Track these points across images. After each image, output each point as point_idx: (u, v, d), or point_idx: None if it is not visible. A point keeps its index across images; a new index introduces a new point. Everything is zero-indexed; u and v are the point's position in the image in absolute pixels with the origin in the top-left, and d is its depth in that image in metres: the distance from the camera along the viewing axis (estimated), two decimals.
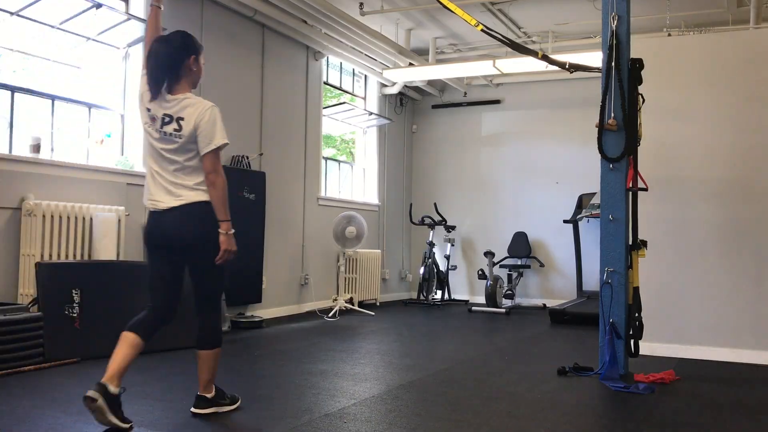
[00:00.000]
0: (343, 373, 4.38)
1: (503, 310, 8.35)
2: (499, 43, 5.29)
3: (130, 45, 5.71)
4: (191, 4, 6.21)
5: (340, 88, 8.94)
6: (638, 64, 4.52)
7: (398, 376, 4.34)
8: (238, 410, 3.38)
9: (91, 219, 5.14)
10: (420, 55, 8.86)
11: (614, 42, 4.48)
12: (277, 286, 7.34)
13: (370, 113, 8.89)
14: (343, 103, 8.45)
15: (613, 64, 4.46)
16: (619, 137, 4.47)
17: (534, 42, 8.37)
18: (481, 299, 9.06)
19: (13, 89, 4.97)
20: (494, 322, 7.49)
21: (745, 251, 5.21)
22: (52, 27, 5.12)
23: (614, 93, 4.48)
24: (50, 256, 4.88)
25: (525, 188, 9.66)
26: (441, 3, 5.12)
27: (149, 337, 3.16)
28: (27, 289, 4.72)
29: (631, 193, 4.51)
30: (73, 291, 4.68)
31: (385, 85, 9.48)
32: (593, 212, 7.94)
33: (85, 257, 5.12)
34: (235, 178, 6.54)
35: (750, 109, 5.27)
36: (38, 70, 5.20)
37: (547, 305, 8.88)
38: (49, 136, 5.18)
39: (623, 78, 4.47)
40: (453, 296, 9.66)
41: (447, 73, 8.67)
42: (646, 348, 4.98)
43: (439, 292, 9.39)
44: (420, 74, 8.73)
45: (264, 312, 6.96)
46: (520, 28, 8.23)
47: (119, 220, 5.29)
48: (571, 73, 5.39)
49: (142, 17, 5.62)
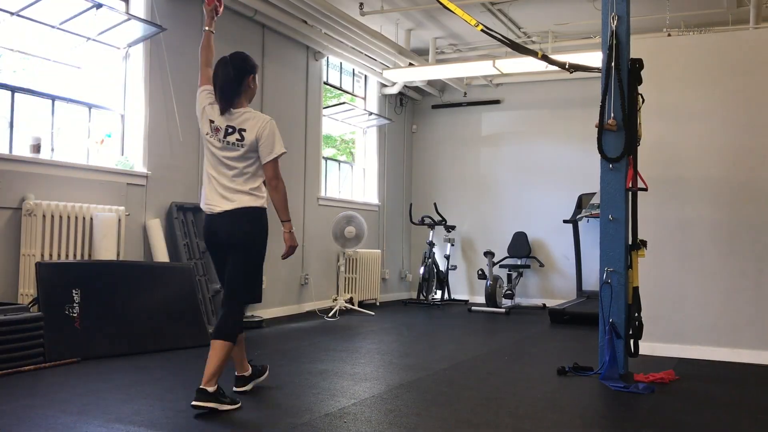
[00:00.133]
0: (343, 373, 4.38)
1: (503, 310, 8.35)
2: (499, 43, 5.29)
3: (130, 45, 5.71)
4: (191, 4, 6.21)
5: (340, 88, 8.94)
6: (638, 64, 4.52)
7: (398, 376, 4.34)
8: (242, 409, 3.38)
9: (91, 219, 5.15)
10: (420, 55, 8.86)
11: (614, 42, 4.48)
12: (277, 286, 7.34)
13: (370, 113, 8.89)
14: (343, 103, 8.45)
15: (612, 64, 4.46)
16: (619, 137, 4.47)
17: (534, 42, 8.37)
18: (481, 299, 9.06)
19: (14, 89, 4.98)
20: (494, 322, 7.49)
21: (745, 251, 5.21)
22: (52, 27, 5.12)
23: (614, 93, 4.48)
24: (50, 256, 4.88)
25: (525, 188, 9.65)
26: (441, 3, 5.13)
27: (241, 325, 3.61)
28: (27, 289, 4.72)
29: (630, 193, 4.51)
30: (73, 291, 4.69)
31: (385, 85, 9.48)
32: (593, 212, 7.94)
33: (86, 257, 5.12)
34: None
35: (750, 109, 5.27)
36: (38, 70, 5.20)
37: (547, 305, 8.88)
38: (49, 136, 5.18)
39: (623, 78, 4.47)
40: (453, 296, 9.66)
41: (447, 73, 8.66)
42: (645, 348, 4.99)
43: (439, 292, 9.39)
44: (420, 74, 8.73)
45: (264, 312, 6.96)
46: (520, 28, 8.23)
47: (119, 220, 5.29)
48: (571, 73, 5.40)
49: (142, 17, 5.62)
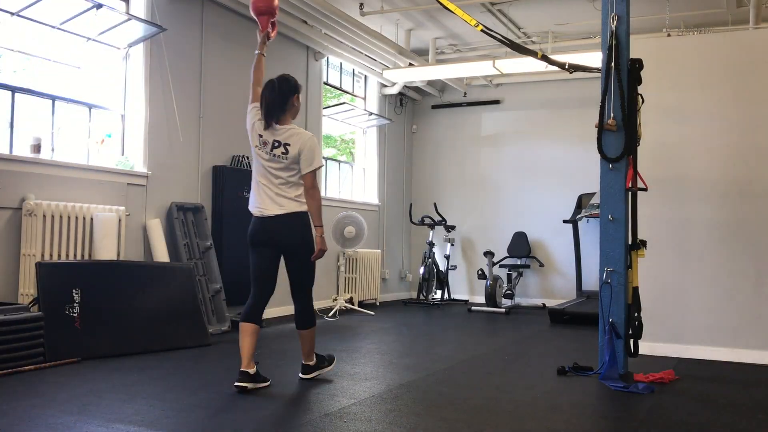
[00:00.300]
0: (343, 373, 4.38)
1: (503, 310, 8.35)
2: (499, 43, 5.29)
3: (130, 45, 5.71)
4: (191, 4, 6.22)
5: (340, 89, 8.94)
6: (638, 64, 4.52)
7: (398, 376, 4.34)
8: (238, 410, 3.39)
9: (91, 219, 5.15)
10: (420, 55, 8.86)
11: (614, 42, 4.48)
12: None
13: (370, 113, 8.89)
14: (343, 103, 8.45)
15: (612, 64, 4.46)
16: (619, 137, 4.47)
17: (534, 42, 8.38)
18: (481, 299, 9.07)
19: (14, 89, 4.98)
20: (494, 322, 7.49)
21: (745, 251, 5.22)
22: (53, 27, 5.13)
23: (614, 93, 4.48)
24: (51, 256, 4.88)
25: (525, 188, 9.66)
26: (441, 3, 5.13)
27: (261, 320, 4.05)
28: (27, 289, 4.73)
29: (630, 193, 4.52)
30: (74, 291, 4.69)
31: (385, 86, 9.48)
32: (593, 212, 7.94)
33: (86, 257, 5.13)
34: (235, 178, 6.54)
35: (750, 109, 5.27)
36: (39, 70, 5.20)
37: (547, 305, 8.88)
38: (49, 137, 5.18)
39: (623, 78, 4.47)
40: (453, 296, 9.66)
41: (447, 73, 8.66)
42: (645, 348, 4.99)
43: (439, 292, 9.39)
44: (420, 74, 8.73)
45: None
46: (519, 29, 8.24)
47: (119, 220, 5.30)
48: (571, 73, 5.40)
49: (142, 17, 5.63)
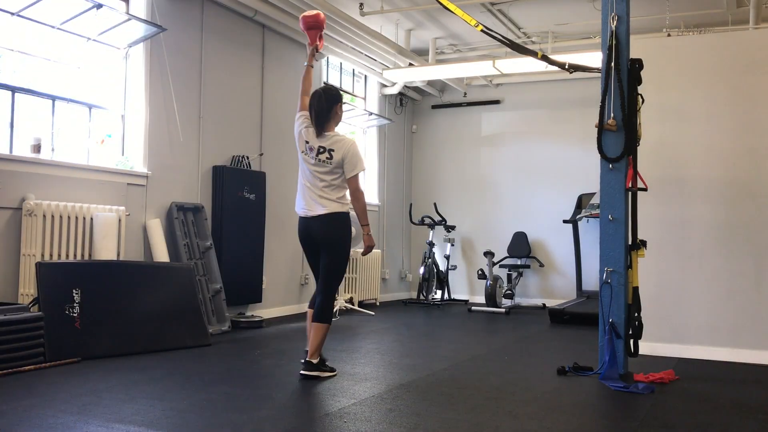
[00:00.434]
0: (343, 373, 4.38)
1: (503, 310, 8.35)
2: (499, 43, 5.29)
3: (130, 45, 5.71)
4: (191, 4, 6.22)
5: (340, 88, 8.94)
6: (638, 64, 4.52)
7: (398, 376, 4.34)
8: (238, 410, 3.39)
9: (91, 219, 5.15)
10: (420, 55, 8.86)
11: (614, 42, 4.48)
12: (277, 286, 7.34)
13: (370, 113, 8.89)
14: (343, 103, 8.43)
15: (612, 64, 4.46)
16: (619, 137, 4.47)
17: (534, 42, 8.38)
18: (481, 299, 9.07)
19: (14, 89, 4.98)
20: (494, 322, 7.49)
21: (745, 251, 5.22)
22: (53, 27, 5.12)
23: (614, 93, 4.48)
24: (50, 256, 4.88)
25: (525, 188, 9.66)
26: (441, 3, 5.13)
27: None
28: (27, 289, 4.72)
29: (630, 193, 4.52)
30: (74, 291, 4.69)
31: (385, 86, 9.48)
32: (593, 212, 7.94)
33: (86, 257, 5.13)
34: (236, 178, 6.55)
35: (750, 109, 5.27)
36: (39, 70, 5.20)
37: (547, 305, 8.88)
38: (49, 136, 5.18)
39: (623, 78, 4.47)
40: (453, 296, 9.66)
41: (447, 73, 8.66)
42: (645, 348, 4.99)
43: (439, 292, 9.39)
44: (420, 74, 8.73)
45: (264, 312, 6.96)
46: (519, 29, 8.23)
47: (119, 220, 5.29)
48: (571, 73, 5.40)
49: (143, 17, 5.62)
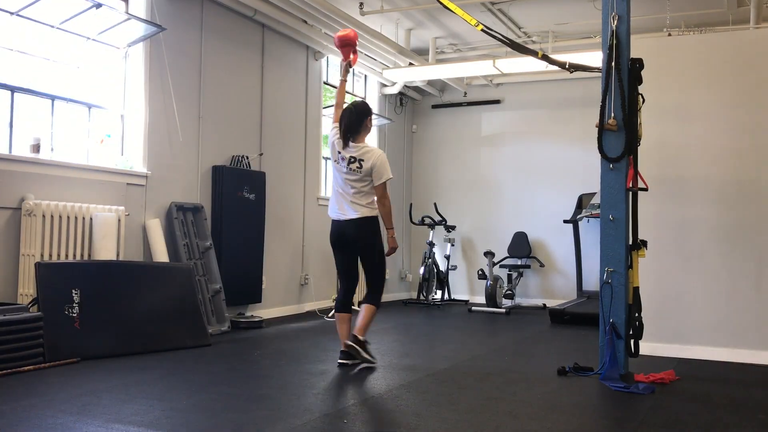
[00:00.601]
0: (343, 373, 4.38)
1: (503, 310, 8.34)
2: (499, 43, 5.29)
3: (130, 45, 5.71)
4: (191, 3, 6.21)
5: None
6: (638, 64, 4.52)
7: (398, 376, 4.34)
8: (238, 410, 3.38)
9: (91, 219, 5.15)
10: (420, 55, 8.86)
11: (614, 42, 4.47)
12: (277, 286, 7.34)
13: None
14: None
15: (613, 64, 4.46)
16: (619, 137, 4.47)
17: (534, 42, 8.37)
18: (481, 299, 9.06)
19: (13, 89, 4.97)
20: (494, 322, 7.49)
21: (745, 251, 5.21)
22: (52, 27, 5.12)
23: (614, 93, 4.47)
24: (50, 256, 4.88)
25: (525, 188, 9.65)
26: (441, 3, 5.13)
27: (350, 308, 4.78)
28: (27, 289, 4.72)
29: (631, 193, 4.51)
30: (73, 291, 4.69)
31: (385, 85, 9.47)
32: (593, 212, 7.93)
33: (85, 257, 5.12)
34: (235, 179, 6.54)
35: (751, 109, 5.26)
36: (38, 69, 5.19)
37: (547, 305, 8.87)
38: (49, 136, 5.17)
39: (623, 78, 4.47)
40: (453, 296, 9.65)
41: (447, 73, 8.66)
42: (646, 348, 4.98)
43: (439, 292, 9.38)
44: (420, 74, 8.72)
45: (264, 312, 6.96)
46: (520, 28, 8.23)
47: (119, 220, 5.29)
48: (571, 73, 5.39)
49: (142, 17, 5.62)
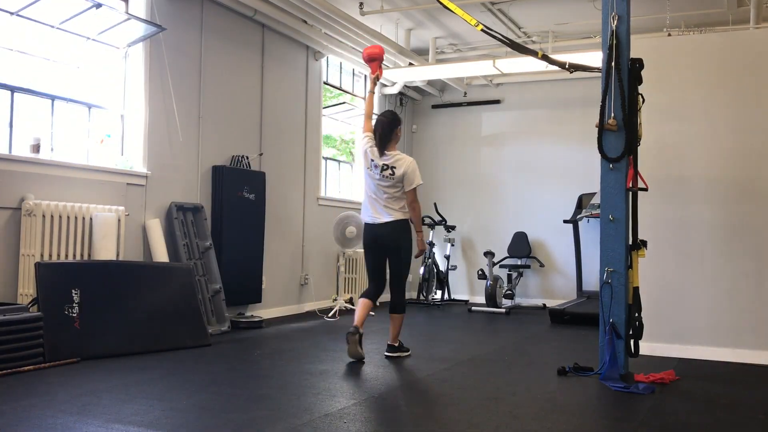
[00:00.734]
0: (343, 373, 4.38)
1: (503, 310, 8.34)
2: (499, 43, 5.29)
3: (130, 45, 5.71)
4: (191, 3, 6.21)
5: (340, 88, 8.93)
6: (638, 64, 4.52)
7: (398, 377, 4.34)
8: (238, 410, 3.39)
9: (90, 219, 5.14)
10: (420, 55, 8.86)
11: (614, 42, 4.47)
12: (277, 286, 7.34)
13: None
14: (343, 103, 8.44)
15: (613, 64, 4.46)
16: (619, 137, 4.47)
17: (534, 42, 8.37)
18: (481, 299, 9.06)
19: (13, 89, 4.97)
20: (494, 322, 7.49)
21: (745, 251, 5.21)
22: (52, 27, 5.12)
23: (614, 93, 4.47)
24: (50, 256, 4.88)
25: (525, 188, 9.65)
26: (441, 3, 5.13)
27: (375, 301, 5.11)
28: (27, 289, 4.72)
29: (631, 193, 4.51)
30: (73, 291, 4.69)
31: (385, 85, 9.47)
32: (593, 212, 7.93)
33: (85, 257, 5.12)
34: (235, 178, 6.54)
35: (750, 109, 5.26)
36: (38, 69, 5.19)
37: (547, 305, 8.87)
38: (49, 136, 5.17)
39: (623, 78, 4.47)
40: (453, 296, 9.65)
41: (447, 73, 8.66)
42: (646, 348, 4.98)
43: (439, 292, 9.38)
44: (420, 74, 8.72)
45: (264, 312, 6.96)
46: (520, 28, 8.23)
47: (119, 220, 5.29)
48: (571, 73, 5.38)
49: (142, 17, 5.62)
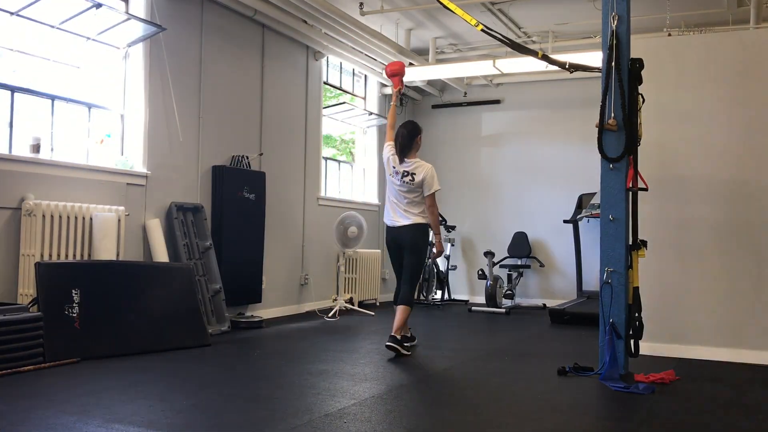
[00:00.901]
0: (343, 373, 4.38)
1: (503, 310, 8.34)
2: (499, 43, 5.29)
3: (130, 45, 5.71)
4: (191, 3, 6.21)
5: (340, 88, 8.93)
6: (638, 64, 4.52)
7: (398, 377, 4.34)
8: (238, 410, 3.39)
9: (90, 219, 5.14)
10: (420, 55, 8.86)
11: (614, 42, 4.47)
12: (277, 286, 7.34)
13: (370, 113, 8.89)
14: (343, 103, 8.44)
15: (613, 64, 4.46)
16: (619, 137, 4.47)
17: (534, 42, 8.37)
18: (481, 299, 9.06)
19: (13, 89, 4.97)
20: (494, 322, 7.49)
21: (746, 251, 5.21)
22: (52, 27, 5.12)
23: (614, 93, 4.47)
24: (50, 256, 4.88)
25: (525, 188, 9.65)
26: (441, 3, 5.13)
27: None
28: (27, 289, 4.72)
29: (631, 193, 4.51)
30: (73, 291, 4.69)
31: (385, 85, 9.47)
32: (593, 212, 7.94)
33: (85, 257, 5.12)
34: (235, 178, 6.54)
35: (750, 109, 5.27)
36: (38, 69, 5.19)
37: (547, 305, 8.87)
38: (49, 136, 5.18)
39: (623, 78, 4.47)
40: (453, 296, 9.66)
41: (447, 73, 8.66)
42: (646, 348, 4.98)
43: (439, 292, 9.38)
44: (420, 74, 8.72)
45: (264, 312, 6.96)
46: (520, 28, 8.23)
47: (119, 220, 5.29)
48: (571, 73, 5.38)
49: (142, 17, 5.62)
